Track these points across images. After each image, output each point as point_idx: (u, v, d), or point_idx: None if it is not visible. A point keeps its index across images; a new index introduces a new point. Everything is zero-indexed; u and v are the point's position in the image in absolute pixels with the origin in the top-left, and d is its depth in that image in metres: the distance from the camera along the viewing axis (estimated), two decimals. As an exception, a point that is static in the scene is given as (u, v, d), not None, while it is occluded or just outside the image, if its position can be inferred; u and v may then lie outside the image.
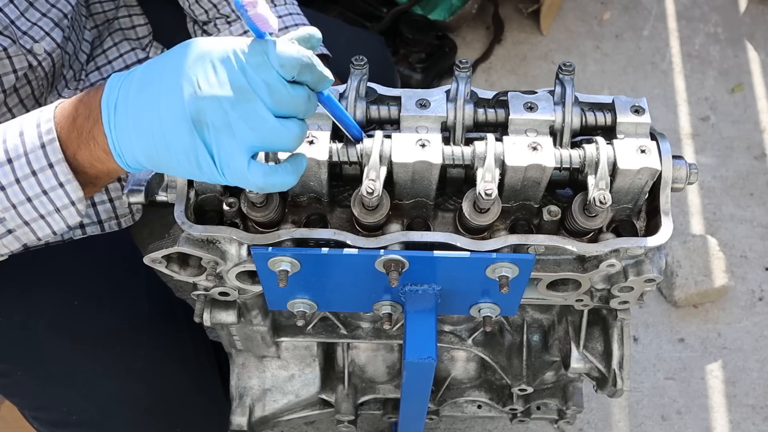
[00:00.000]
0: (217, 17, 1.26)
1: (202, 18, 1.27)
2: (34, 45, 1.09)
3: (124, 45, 1.32)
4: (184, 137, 0.70)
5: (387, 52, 1.68)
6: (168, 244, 0.86)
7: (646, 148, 0.83)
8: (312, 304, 0.94)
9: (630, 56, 2.37)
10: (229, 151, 0.70)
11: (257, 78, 0.69)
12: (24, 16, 1.08)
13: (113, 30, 1.34)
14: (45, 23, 1.11)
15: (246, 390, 1.25)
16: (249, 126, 0.70)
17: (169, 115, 0.70)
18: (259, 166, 0.72)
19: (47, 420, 1.20)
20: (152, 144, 0.72)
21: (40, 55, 1.10)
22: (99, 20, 1.32)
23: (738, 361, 1.82)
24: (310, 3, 1.35)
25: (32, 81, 1.11)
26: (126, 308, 1.21)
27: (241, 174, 0.71)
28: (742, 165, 2.14)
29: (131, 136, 0.73)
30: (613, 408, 1.74)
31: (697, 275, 1.83)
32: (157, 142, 0.72)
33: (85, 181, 0.81)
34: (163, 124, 0.71)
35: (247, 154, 0.71)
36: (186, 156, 0.71)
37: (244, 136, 0.70)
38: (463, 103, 0.84)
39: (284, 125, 0.71)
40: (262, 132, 0.70)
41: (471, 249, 0.84)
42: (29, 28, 1.09)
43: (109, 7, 1.33)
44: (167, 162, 0.73)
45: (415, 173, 0.83)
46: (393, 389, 1.29)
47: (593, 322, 1.13)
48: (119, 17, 1.34)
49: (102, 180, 0.83)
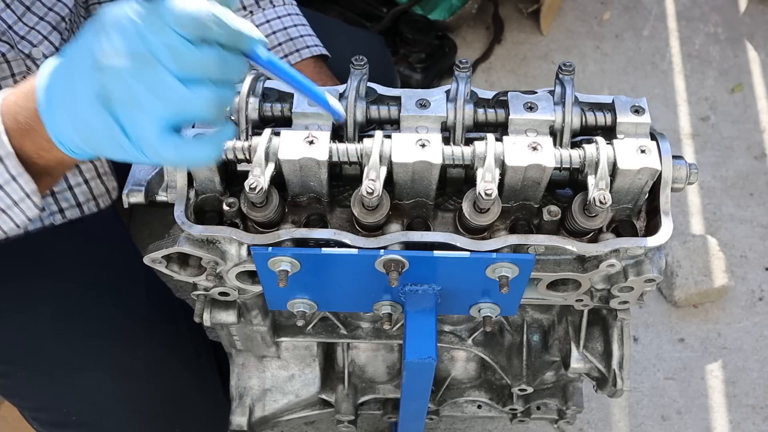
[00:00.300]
0: None
1: None
2: (33, 49, 1.09)
3: None
4: (98, 116, 0.66)
5: (387, 52, 1.68)
6: (168, 244, 0.86)
7: (646, 148, 0.83)
8: (312, 304, 0.94)
9: (630, 56, 2.37)
10: (139, 125, 0.66)
11: (157, 42, 0.63)
12: (21, 20, 1.08)
13: None
14: (43, 27, 1.11)
15: (246, 390, 1.25)
16: (155, 95, 0.64)
17: (81, 95, 0.67)
18: (172, 138, 0.66)
19: (47, 420, 1.20)
20: (80, 127, 0.69)
21: (38, 60, 1.10)
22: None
23: (738, 361, 1.82)
24: (309, 3, 1.35)
25: None
26: (126, 308, 1.21)
27: (154, 151, 0.66)
28: (742, 165, 2.14)
29: (65, 122, 0.70)
30: (613, 408, 1.74)
31: (697, 275, 1.83)
32: (81, 124, 0.68)
33: (37, 172, 0.78)
34: (77, 105, 0.67)
35: (158, 127, 0.66)
36: (107, 135, 0.67)
37: (151, 107, 0.65)
38: (463, 103, 0.84)
39: (194, 91, 0.65)
40: (170, 101, 0.65)
41: (471, 249, 0.84)
42: (27, 33, 1.09)
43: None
44: (99, 144, 0.69)
45: (415, 173, 0.83)
46: (393, 389, 1.29)
47: (593, 322, 1.13)
48: None
49: (56, 170, 0.80)
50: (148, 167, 0.89)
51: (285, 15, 1.26)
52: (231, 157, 0.83)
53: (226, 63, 0.66)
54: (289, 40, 1.24)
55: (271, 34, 1.24)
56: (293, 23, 1.26)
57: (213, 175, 0.85)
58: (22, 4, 1.07)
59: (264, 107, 0.86)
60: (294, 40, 1.24)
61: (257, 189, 0.78)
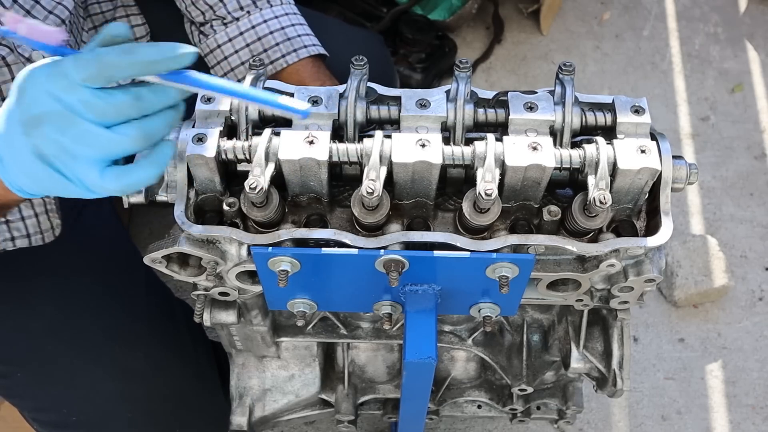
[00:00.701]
0: (213, 19, 1.25)
1: (198, 19, 1.27)
2: (32, 53, 1.09)
3: None
4: (40, 170, 0.71)
5: (387, 52, 1.68)
6: (168, 244, 0.86)
7: (646, 148, 0.83)
8: (312, 304, 0.94)
9: (630, 56, 2.37)
10: (78, 171, 0.70)
11: (70, 99, 0.68)
12: None
13: None
14: None
15: (246, 390, 1.25)
16: (83, 145, 0.68)
17: (21, 155, 0.71)
18: (112, 171, 0.70)
19: (47, 421, 1.20)
20: (29, 178, 0.73)
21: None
22: (97, 21, 1.32)
23: (738, 361, 1.81)
24: (309, 3, 1.35)
25: None
26: (126, 308, 1.21)
27: (100, 187, 0.71)
28: (742, 165, 2.14)
29: (16, 173, 0.74)
30: (613, 408, 1.74)
31: (697, 275, 1.83)
32: (30, 176, 0.73)
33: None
34: (21, 162, 0.72)
35: (96, 168, 0.70)
36: (53, 183, 0.72)
37: (83, 154, 0.69)
38: (463, 103, 0.84)
39: (119, 132, 0.69)
40: (99, 146, 0.69)
41: (471, 249, 0.84)
42: None
43: (108, 8, 1.32)
44: (49, 189, 0.74)
45: (415, 173, 0.83)
46: (393, 389, 1.29)
47: (593, 322, 1.13)
48: (116, 17, 1.34)
49: (12, 204, 0.86)
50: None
51: (282, 15, 1.26)
52: (231, 157, 0.83)
53: (141, 99, 0.69)
54: (287, 40, 1.24)
55: (268, 34, 1.24)
56: (291, 23, 1.26)
57: (213, 175, 0.85)
58: (22, 7, 1.07)
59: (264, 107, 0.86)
60: (291, 40, 1.24)
61: (257, 189, 0.78)
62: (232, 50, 1.25)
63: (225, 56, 1.26)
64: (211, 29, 1.26)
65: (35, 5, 1.09)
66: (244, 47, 1.24)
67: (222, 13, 1.25)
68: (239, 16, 1.24)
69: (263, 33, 1.24)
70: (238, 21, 1.24)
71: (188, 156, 0.82)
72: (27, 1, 1.05)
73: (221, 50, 1.26)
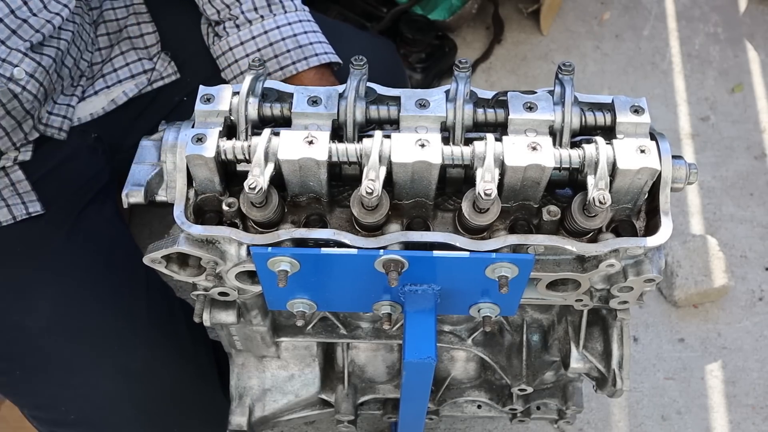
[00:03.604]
0: (227, 18, 1.26)
1: (213, 18, 1.28)
2: (14, 70, 1.10)
3: (131, 54, 1.32)
4: None
5: (398, 59, 1.67)
6: (168, 244, 0.86)
7: (646, 148, 0.83)
8: (312, 304, 0.94)
9: (630, 56, 2.37)
10: None
11: None
12: (5, 44, 1.09)
13: (121, 38, 1.33)
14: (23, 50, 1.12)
15: (246, 390, 1.25)
16: None
17: None
18: None
19: (46, 419, 1.21)
20: None
21: (21, 80, 1.11)
22: (111, 28, 1.32)
23: (738, 361, 1.82)
24: (310, 3, 1.35)
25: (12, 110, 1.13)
26: (125, 308, 1.21)
27: None
28: (742, 165, 2.14)
29: None
30: (613, 408, 1.74)
31: (697, 275, 1.83)
32: None
33: None
34: None
35: None
36: None
37: None
38: (463, 103, 0.84)
39: None
40: None
41: (470, 249, 0.84)
42: (8, 54, 1.10)
43: (122, 15, 1.33)
44: None
45: (414, 173, 0.83)
46: (393, 389, 1.29)
47: (593, 322, 1.13)
48: (128, 25, 1.33)
49: None
50: (147, 167, 0.89)
51: (296, 21, 1.26)
52: (230, 157, 0.83)
53: None
54: (298, 48, 1.24)
55: (280, 40, 1.24)
56: (303, 30, 1.26)
57: (212, 175, 0.85)
58: (8, 27, 1.08)
59: (263, 107, 0.86)
60: (303, 48, 1.24)
61: (257, 189, 0.78)
62: (243, 54, 1.25)
63: (236, 59, 1.26)
64: (225, 31, 1.26)
65: (22, 24, 1.10)
66: (255, 51, 1.24)
67: (236, 12, 1.25)
68: (252, 19, 1.24)
69: (275, 39, 1.24)
70: (251, 24, 1.24)
71: (188, 156, 0.82)
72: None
73: (233, 53, 1.26)
